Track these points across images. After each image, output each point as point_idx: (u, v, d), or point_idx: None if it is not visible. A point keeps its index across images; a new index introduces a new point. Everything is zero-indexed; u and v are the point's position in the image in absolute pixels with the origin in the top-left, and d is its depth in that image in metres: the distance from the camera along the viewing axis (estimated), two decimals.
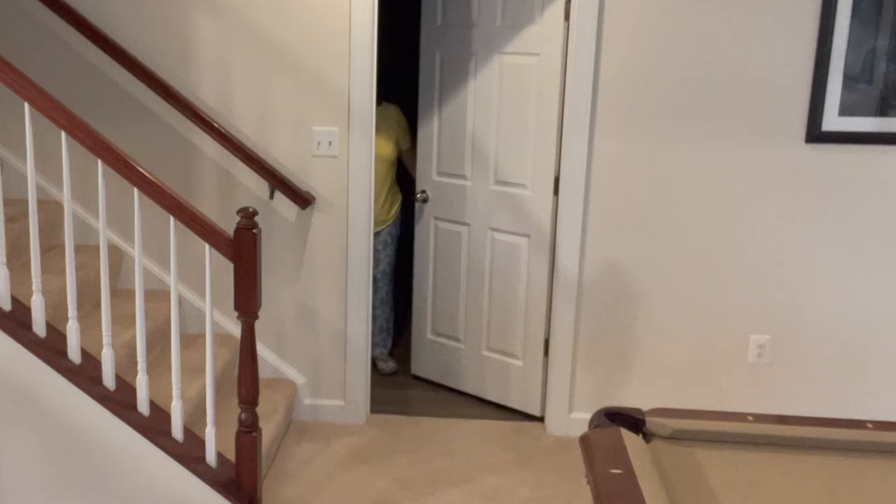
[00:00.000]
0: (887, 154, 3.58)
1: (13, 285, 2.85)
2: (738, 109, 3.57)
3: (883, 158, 3.59)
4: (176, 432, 2.85)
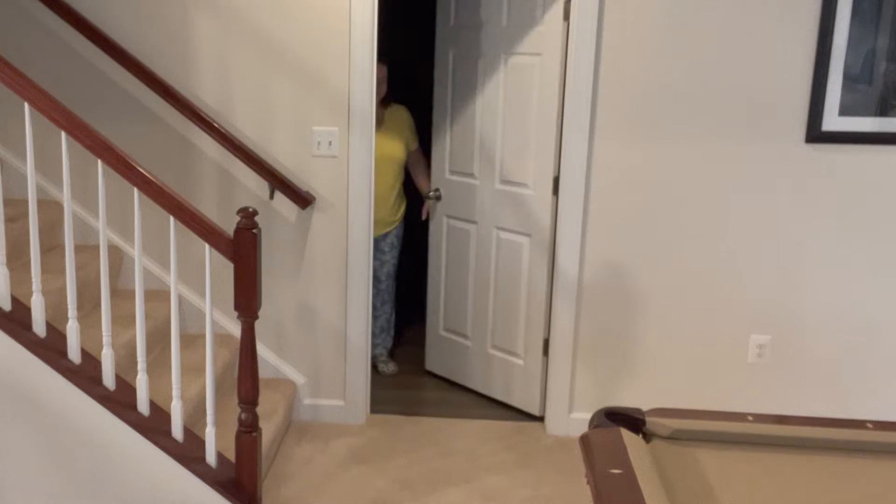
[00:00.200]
0: (887, 154, 3.58)
1: (13, 285, 2.85)
2: (738, 109, 3.57)
3: (883, 158, 3.59)
4: (176, 432, 2.85)
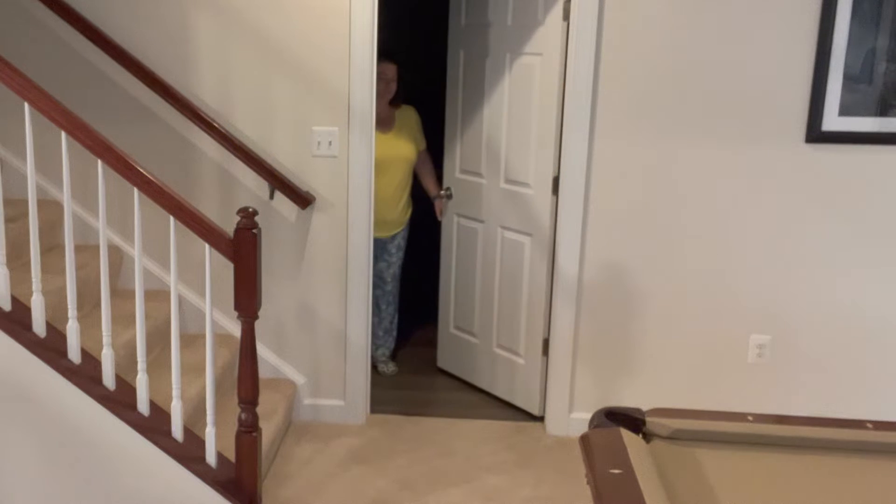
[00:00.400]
0: (887, 154, 3.58)
1: (13, 285, 2.85)
2: (738, 109, 3.57)
3: (883, 158, 3.59)
4: (176, 432, 2.85)
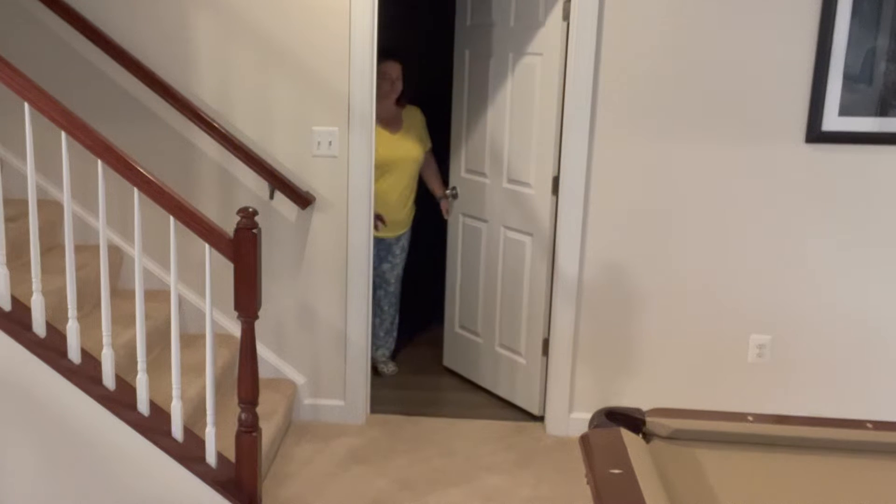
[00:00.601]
0: (887, 154, 3.58)
1: (13, 285, 2.85)
2: (738, 109, 3.57)
3: (883, 158, 3.59)
4: (176, 432, 2.85)
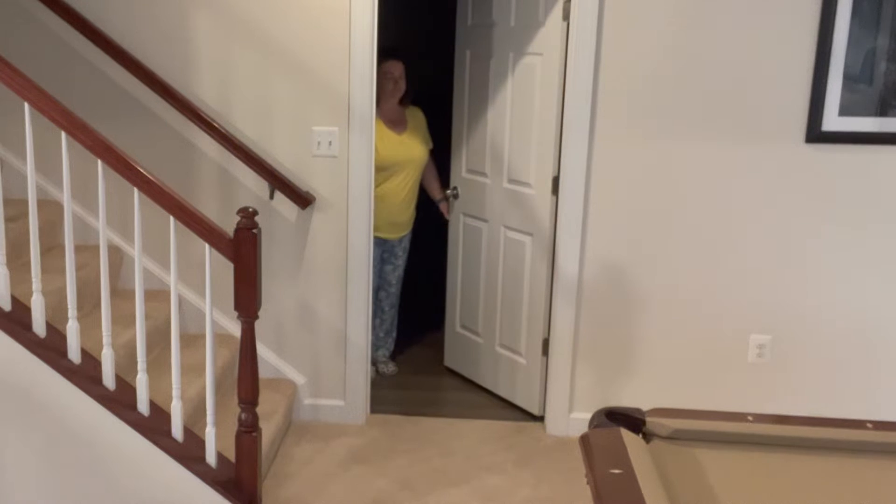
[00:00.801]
0: (887, 154, 3.58)
1: (13, 285, 2.85)
2: (738, 109, 3.57)
3: (883, 158, 3.59)
4: (176, 432, 2.85)
